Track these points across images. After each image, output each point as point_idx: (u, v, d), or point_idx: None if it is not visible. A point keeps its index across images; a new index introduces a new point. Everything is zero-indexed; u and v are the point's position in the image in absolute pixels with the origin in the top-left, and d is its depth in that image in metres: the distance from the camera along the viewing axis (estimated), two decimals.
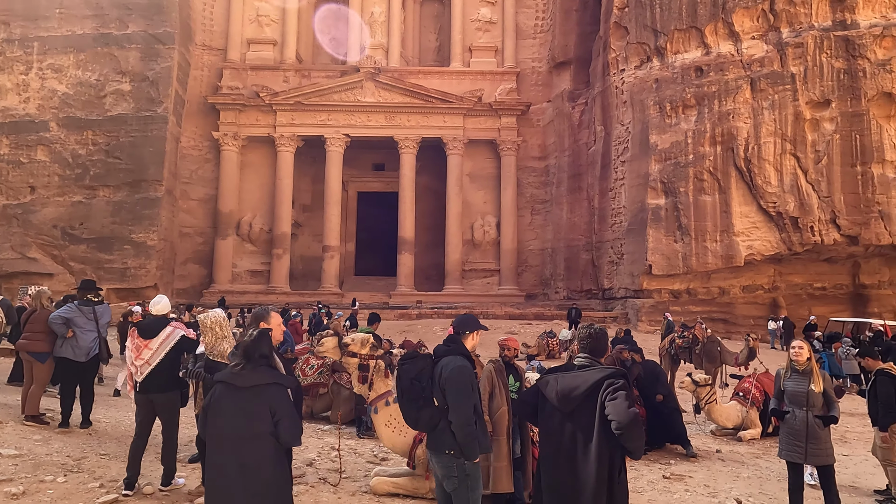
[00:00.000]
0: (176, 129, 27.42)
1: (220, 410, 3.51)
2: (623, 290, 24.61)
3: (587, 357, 3.44)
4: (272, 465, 3.46)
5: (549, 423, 3.34)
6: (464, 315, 4.57)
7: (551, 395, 3.31)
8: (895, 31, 21.00)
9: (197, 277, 29.21)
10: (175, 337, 5.76)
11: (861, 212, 20.84)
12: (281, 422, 3.46)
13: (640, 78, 24.05)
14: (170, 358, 5.70)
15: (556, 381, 3.34)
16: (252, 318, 4.48)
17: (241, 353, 3.65)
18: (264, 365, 3.61)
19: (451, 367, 3.88)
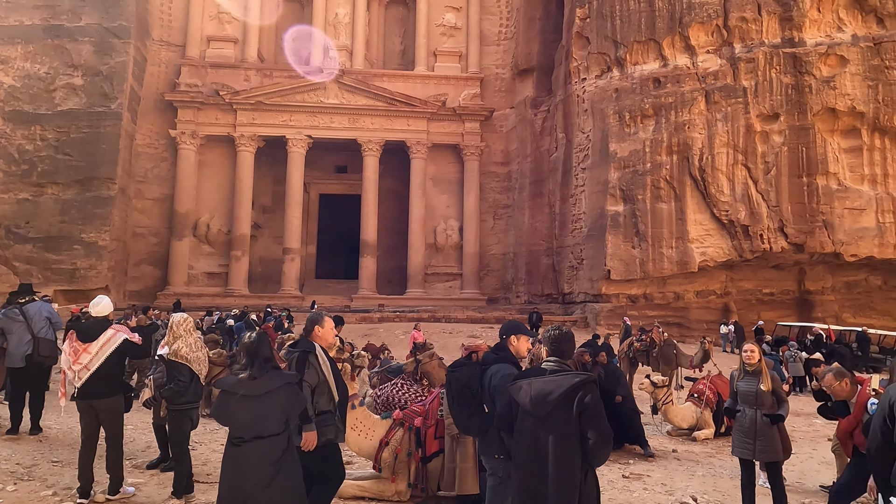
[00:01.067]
0: (131, 126, 26.57)
1: (231, 419, 3.64)
2: (583, 294, 25.08)
3: (556, 361, 3.51)
4: (289, 457, 3.68)
5: (522, 426, 3.41)
6: (511, 321, 4.67)
7: (524, 400, 3.36)
8: (839, 49, 22.15)
9: (151, 279, 28.32)
10: (117, 340, 5.43)
11: (807, 221, 21.84)
12: (296, 408, 3.81)
13: (601, 87, 24.62)
14: (111, 362, 5.37)
15: (530, 386, 3.39)
16: (308, 322, 4.62)
17: (243, 356, 3.72)
18: (270, 368, 3.72)
19: (500, 374, 3.91)
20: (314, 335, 4.53)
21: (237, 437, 3.59)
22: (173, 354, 5.30)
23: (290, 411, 3.71)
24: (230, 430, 3.66)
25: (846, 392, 5.00)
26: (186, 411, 5.36)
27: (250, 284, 28.80)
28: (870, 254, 21.75)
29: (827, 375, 5.13)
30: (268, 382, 3.63)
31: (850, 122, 22.07)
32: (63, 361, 5.52)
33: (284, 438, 3.66)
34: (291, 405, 3.71)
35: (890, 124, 21.82)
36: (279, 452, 3.59)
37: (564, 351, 3.57)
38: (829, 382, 5.06)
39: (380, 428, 5.87)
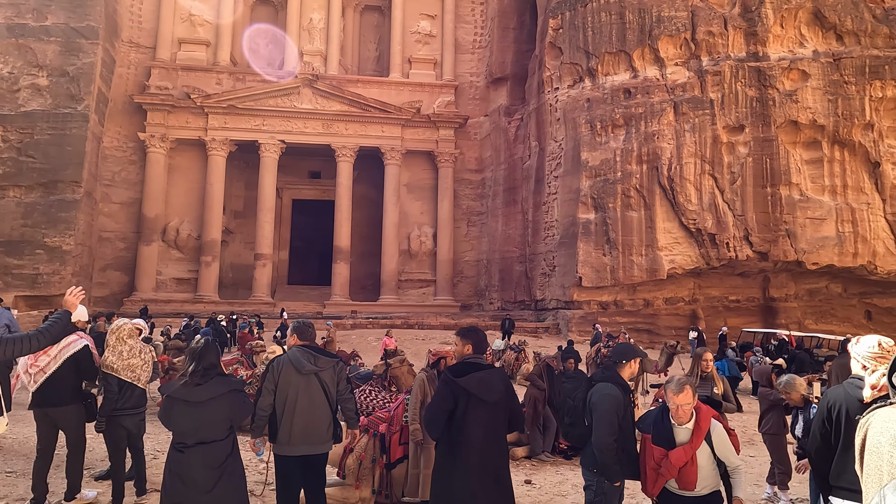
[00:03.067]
0: (98, 129, 26.02)
1: (174, 424, 3.65)
2: (555, 301, 25.31)
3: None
4: (233, 462, 3.70)
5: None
6: (623, 344, 4.77)
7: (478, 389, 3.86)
8: (801, 64, 22.89)
9: (117, 285, 27.70)
10: (77, 346, 5.31)
11: (771, 230, 22.43)
12: (241, 413, 3.82)
13: (573, 97, 24.99)
14: (68, 368, 5.22)
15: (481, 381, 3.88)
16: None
17: (189, 362, 3.73)
18: (214, 374, 3.72)
19: (600, 393, 3.98)
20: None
21: (180, 443, 3.61)
22: (102, 364, 5.35)
23: (235, 417, 3.74)
24: (174, 436, 3.67)
25: (798, 399, 5.31)
26: (118, 418, 5.30)
27: (221, 290, 28.37)
28: (830, 262, 22.42)
29: (785, 384, 5.48)
30: (211, 389, 3.65)
31: (811, 135, 22.78)
32: (21, 365, 5.36)
33: (228, 444, 3.69)
34: (235, 411, 3.74)
35: (849, 137, 22.58)
36: (222, 457, 3.61)
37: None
38: (786, 391, 5.37)
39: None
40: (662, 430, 3.66)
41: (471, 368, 3.88)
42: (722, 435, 3.70)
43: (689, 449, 3.59)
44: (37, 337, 3.78)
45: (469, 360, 3.99)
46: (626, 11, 24.12)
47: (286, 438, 4.26)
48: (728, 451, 3.71)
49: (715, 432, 3.67)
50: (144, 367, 5.50)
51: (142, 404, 5.54)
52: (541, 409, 8.38)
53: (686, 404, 3.60)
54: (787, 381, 5.51)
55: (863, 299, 24.69)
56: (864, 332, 22.21)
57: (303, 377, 4.30)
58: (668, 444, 3.62)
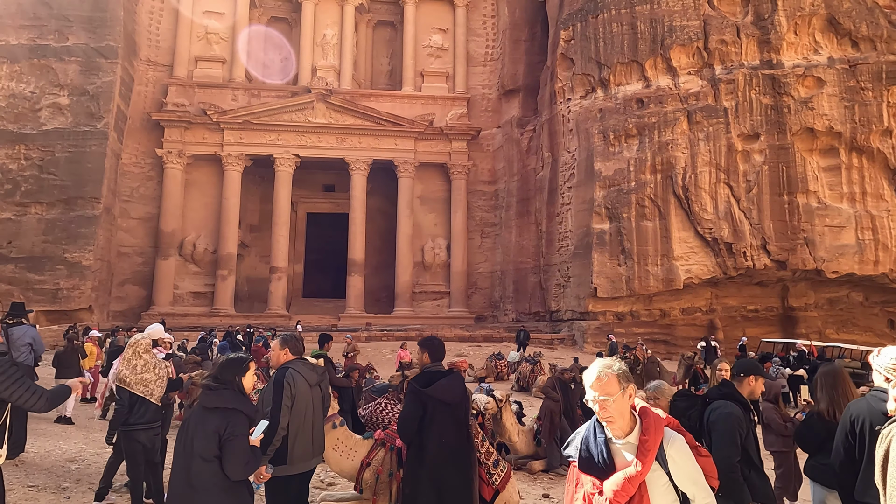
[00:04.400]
0: (116, 146, 26.51)
1: (184, 428, 3.51)
2: (570, 312, 25.16)
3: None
4: (219, 491, 3.35)
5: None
6: (749, 360, 4.64)
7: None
8: (816, 71, 22.71)
9: (135, 299, 28.04)
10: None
11: (788, 238, 22.16)
12: (226, 447, 3.35)
13: (585, 107, 24.99)
14: None
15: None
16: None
17: (211, 372, 3.66)
18: (229, 388, 3.55)
19: (720, 412, 3.86)
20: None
21: (176, 451, 3.55)
22: (115, 377, 5.47)
23: (226, 437, 3.41)
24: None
25: (664, 407, 4.89)
26: (132, 433, 5.38)
27: (237, 304, 28.60)
28: (850, 270, 22.08)
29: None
30: (219, 399, 3.51)
31: (828, 142, 22.55)
32: (111, 375, 6.19)
33: (217, 466, 3.42)
34: (229, 431, 3.40)
35: (867, 144, 22.31)
36: (211, 478, 3.40)
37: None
38: (654, 396, 4.81)
39: (361, 448, 5.83)
40: (593, 450, 2.46)
41: (434, 377, 4.33)
42: (683, 454, 2.46)
43: (633, 478, 2.34)
44: (44, 397, 3.78)
45: (430, 368, 4.45)
46: (638, 22, 24.15)
47: (301, 455, 4.22)
48: (691, 480, 2.45)
49: (673, 449, 2.44)
50: (158, 383, 5.55)
51: (157, 419, 5.59)
52: (557, 421, 8.33)
53: (605, 397, 2.38)
54: (657, 387, 4.81)
55: (885, 308, 24.25)
56: (887, 342, 21.84)
57: (312, 389, 4.35)
58: (600, 471, 2.41)
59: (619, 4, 24.56)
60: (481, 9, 32.74)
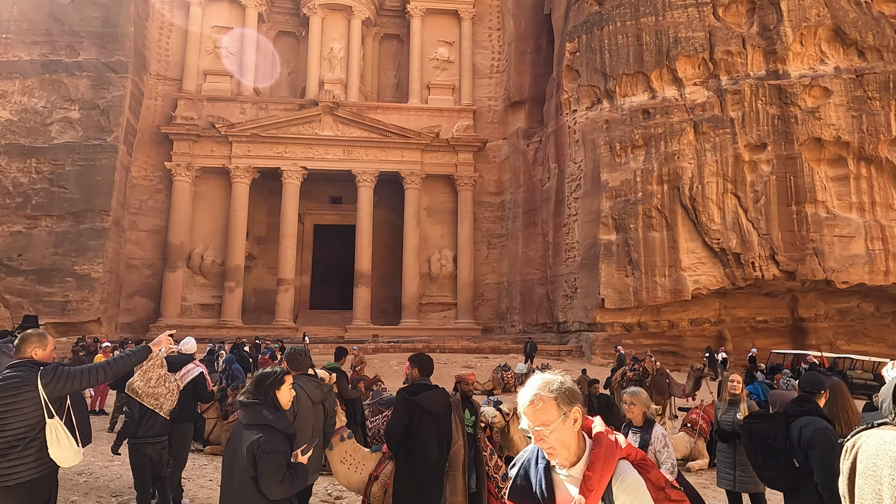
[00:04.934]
0: (126, 159, 26.77)
1: (229, 445, 3.47)
2: (577, 323, 25.04)
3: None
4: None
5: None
6: (813, 374, 4.59)
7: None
8: (823, 81, 22.69)
9: (143, 311, 28.15)
10: (194, 373, 6.33)
11: (797, 248, 22.02)
12: (259, 465, 3.23)
13: (591, 118, 25.04)
14: (187, 391, 6.13)
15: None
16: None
17: (247, 387, 3.63)
18: (263, 404, 3.47)
19: (814, 428, 3.77)
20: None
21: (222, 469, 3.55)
22: (128, 387, 5.46)
23: (257, 455, 3.29)
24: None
25: (637, 416, 4.69)
26: (139, 446, 5.40)
27: (244, 315, 28.66)
28: (861, 281, 21.89)
29: None
30: (254, 415, 3.45)
31: (836, 152, 22.46)
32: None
33: (253, 485, 3.32)
34: (261, 450, 3.28)
35: (875, 153, 22.21)
36: (247, 497, 3.31)
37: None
38: (631, 402, 4.80)
39: (369, 461, 5.80)
40: (532, 478, 2.06)
41: (421, 388, 4.61)
42: (635, 496, 1.96)
43: None
44: (104, 369, 3.94)
45: (419, 381, 4.74)
46: (643, 33, 24.24)
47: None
48: None
49: (624, 489, 1.96)
50: (168, 397, 5.56)
51: (164, 433, 5.59)
52: None
53: (541, 427, 1.93)
54: (634, 392, 4.61)
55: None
56: None
57: (315, 406, 4.32)
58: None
59: (624, 16, 24.68)
60: (487, 22, 32.98)
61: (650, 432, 4.43)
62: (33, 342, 3.79)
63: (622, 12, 24.80)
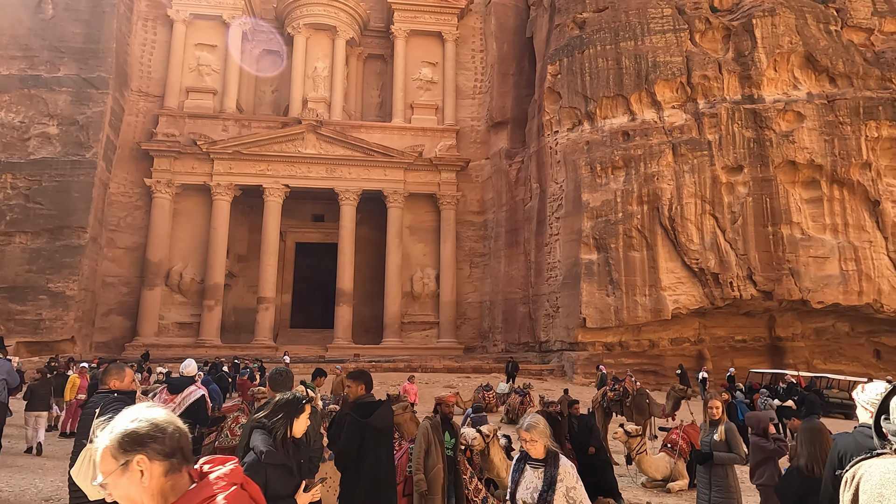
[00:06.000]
0: (105, 175, 26.45)
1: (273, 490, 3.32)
2: (559, 342, 25.09)
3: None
4: None
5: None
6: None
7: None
8: (795, 106, 23.32)
9: (119, 330, 27.59)
10: (196, 395, 6.35)
11: (774, 269, 22.40)
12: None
13: (573, 140, 25.39)
14: (187, 412, 6.14)
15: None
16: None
17: (267, 408, 3.57)
18: (265, 429, 3.42)
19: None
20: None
21: None
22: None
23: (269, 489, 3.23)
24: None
25: (539, 452, 3.75)
26: None
27: (223, 334, 28.23)
28: (836, 301, 22.29)
29: None
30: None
31: (809, 174, 23.02)
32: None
33: None
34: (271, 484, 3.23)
35: (847, 176, 22.80)
36: None
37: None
38: (531, 438, 3.79)
39: None
40: None
41: (371, 407, 4.78)
42: None
43: None
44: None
45: (365, 399, 4.88)
46: (623, 57, 24.76)
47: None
48: None
49: None
50: None
51: None
52: None
53: (106, 480, 1.53)
54: (530, 426, 3.64)
55: (871, 338, 24.44)
56: (873, 372, 21.91)
57: None
58: None
59: (604, 41, 25.20)
60: (470, 44, 33.43)
61: (556, 467, 3.52)
62: (112, 374, 4.35)
63: (602, 36, 25.33)
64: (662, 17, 25.02)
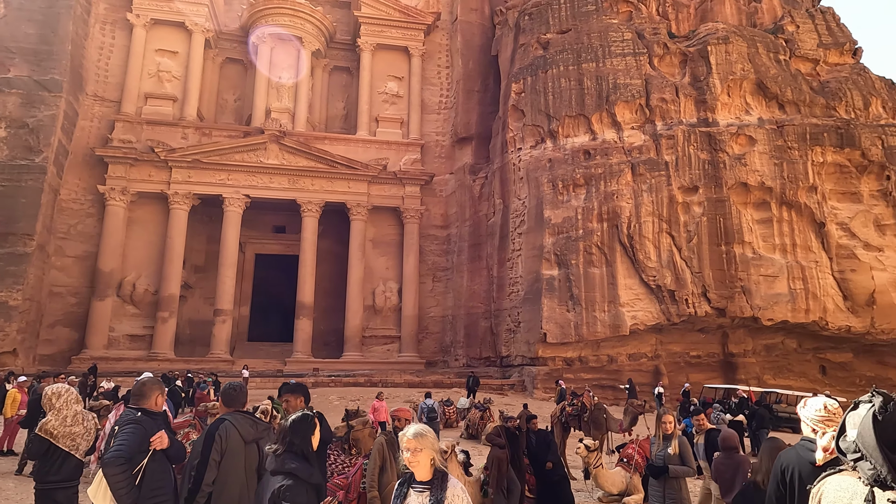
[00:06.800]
0: (55, 181, 25.49)
1: (255, 492, 3.49)
2: (520, 357, 25.21)
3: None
4: None
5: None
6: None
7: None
8: (747, 130, 24.27)
9: (66, 342, 26.44)
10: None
11: (727, 287, 23.09)
12: None
13: (536, 157, 25.78)
14: None
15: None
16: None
17: (277, 436, 3.53)
18: (289, 451, 3.42)
19: None
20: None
21: None
22: (41, 428, 4.97)
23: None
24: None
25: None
26: (49, 491, 4.93)
27: (177, 347, 27.36)
28: (784, 318, 23.10)
29: None
30: (280, 463, 3.43)
31: (760, 196, 23.92)
32: (107, 429, 6.14)
33: None
34: (287, 499, 3.30)
35: (795, 199, 23.78)
36: None
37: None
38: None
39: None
40: None
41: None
42: None
43: None
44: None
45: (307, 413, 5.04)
46: (585, 78, 25.36)
47: None
48: None
49: None
50: (86, 436, 5.16)
51: (76, 476, 5.16)
52: (504, 470, 8.19)
53: None
54: (418, 433, 2.97)
55: (817, 354, 25.37)
56: (819, 387, 22.69)
57: (247, 446, 4.10)
58: None
59: (567, 61, 25.78)
60: (436, 60, 33.72)
61: (444, 490, 2.96)
62: (145, 395, 4.26)
63: (565, 57, 25.91)
64: (623, 40, 25.79)
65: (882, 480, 2.06)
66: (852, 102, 25.63)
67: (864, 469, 2.12)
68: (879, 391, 2.23)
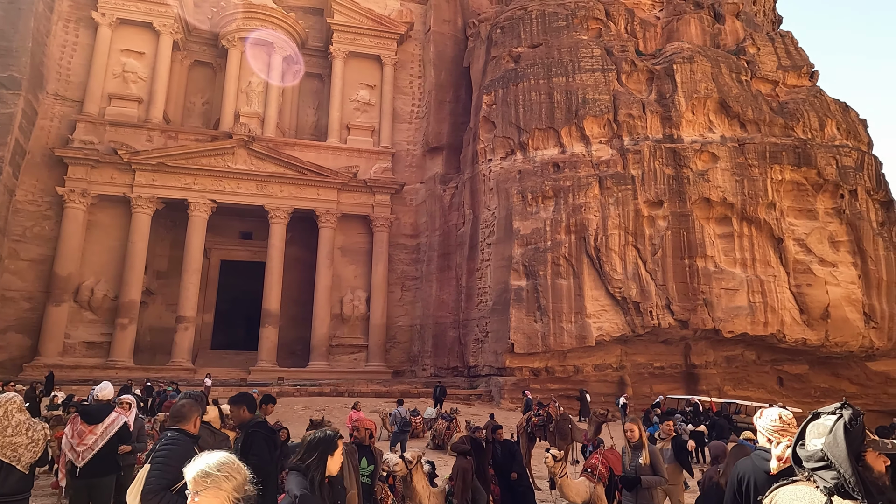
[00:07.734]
0: (11, 181, 24.60)
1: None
2: (487, 367, 25.26)
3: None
4: None
5: None
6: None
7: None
8: (711, 147, 24.97)
9: (18, 349, 25.41)
10: (118, 423, 6.04)
11: (689, 299, 23.61)
12: None
13: (506, 168, 26.01)
14: (111, 443, 5.92)
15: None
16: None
17: (301, 449, 3.46)
18: (301, 472, 3.34)
19: None
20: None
21: None
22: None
23: None
24: None
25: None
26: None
27: (137, 355, 26.56)
28: (744, 330, 23.72)
29: None
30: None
31: (722, 211, 24.58)
32: (64, 444, 6.01)
33: None
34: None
35: (755, 215, 24.52)
36: None
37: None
38: None
39: None
40: None
41: (266, 425, 5.00)
42: None
43: None
44: None
45: (258, 420, 4.89)
46: (555, 92, 25.76)
47: None
48: None
49: None
50: (31, 447, 4.91)
51: (23, 490, 4.91)
52: (470, 481, 8.16)
53: None
54: (208, 471, 2.23)
55: (775, 366, 26.10)
56: (776, 398, 23.31)
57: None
58: None
59: (537, 75, 26.15)
60: (408, 69, 33.81)
61: None
62: (186, 417, 4.14)
63: (536, 71, 26.28)
64: (592, 56, 26.31)
65: (844, 490, 2.11)
66: (809, 123, 26.63)
67: (825, 478, 2.17)
68: (847, 404, 2.30)
